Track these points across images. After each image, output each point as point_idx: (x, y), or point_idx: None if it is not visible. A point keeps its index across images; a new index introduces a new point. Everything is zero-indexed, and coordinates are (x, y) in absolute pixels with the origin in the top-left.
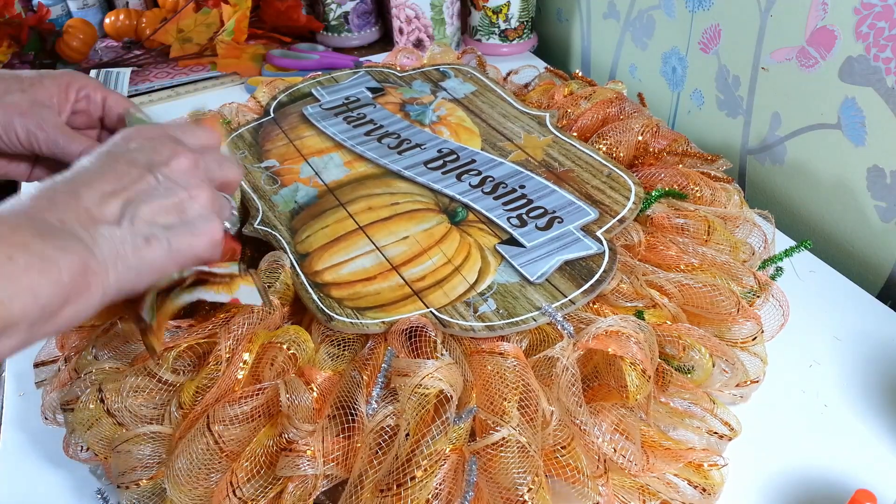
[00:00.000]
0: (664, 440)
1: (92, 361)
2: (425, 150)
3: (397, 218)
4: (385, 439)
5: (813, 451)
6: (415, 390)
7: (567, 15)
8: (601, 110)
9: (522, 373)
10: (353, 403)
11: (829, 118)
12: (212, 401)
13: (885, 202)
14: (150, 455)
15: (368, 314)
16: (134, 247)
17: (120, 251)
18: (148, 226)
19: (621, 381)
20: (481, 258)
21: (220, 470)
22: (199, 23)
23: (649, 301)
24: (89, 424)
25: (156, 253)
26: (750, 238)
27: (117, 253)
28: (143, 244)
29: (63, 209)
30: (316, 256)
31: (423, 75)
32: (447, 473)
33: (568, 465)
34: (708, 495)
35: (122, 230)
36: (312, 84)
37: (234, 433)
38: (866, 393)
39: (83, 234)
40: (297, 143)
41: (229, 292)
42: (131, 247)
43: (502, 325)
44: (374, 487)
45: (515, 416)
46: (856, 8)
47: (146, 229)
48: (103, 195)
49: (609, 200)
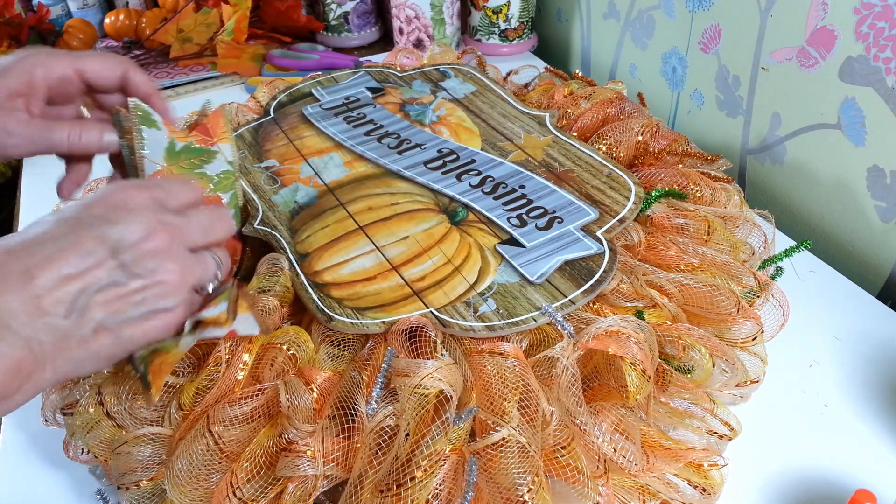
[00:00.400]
0: (664, 440)
1: None
2: (425, 150)
3: (397, 218)
4: (385, 439)
5: (813, 451)
6: (415, 390)
7: (567, 15)
8: (601, 110)
9: (522, 373)
10: (352, 404)
11: (829, 118)
12: (212, 402)
13: (885, 202)
14: (150, 456)
15: (368, 314)
16: (79, 339)
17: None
18: (99, 315)
19: (621, 381)
20: (481, 258)
21: (220, 470)
22: (199, 23)
23: (649, 301)
24: (89, 427)
25: (102, 343)
26: (750, 238)
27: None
28: (90, 335)
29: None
30: (316, 256)
31: (423, 75)
32: (447, 474)
33: (568, 465)
34: (708, 495)
35: (70, 322)
36: (312, 84)
37: (234, 434)
38: (866, 393)
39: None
40: (297, 143)
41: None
42: (76, 340)
43: (502, 325)
44: (374, 488)
45: (515, 416)
46: (856, 8)
47: (96, 319)
48: (59, 279)
49: (609, 200)
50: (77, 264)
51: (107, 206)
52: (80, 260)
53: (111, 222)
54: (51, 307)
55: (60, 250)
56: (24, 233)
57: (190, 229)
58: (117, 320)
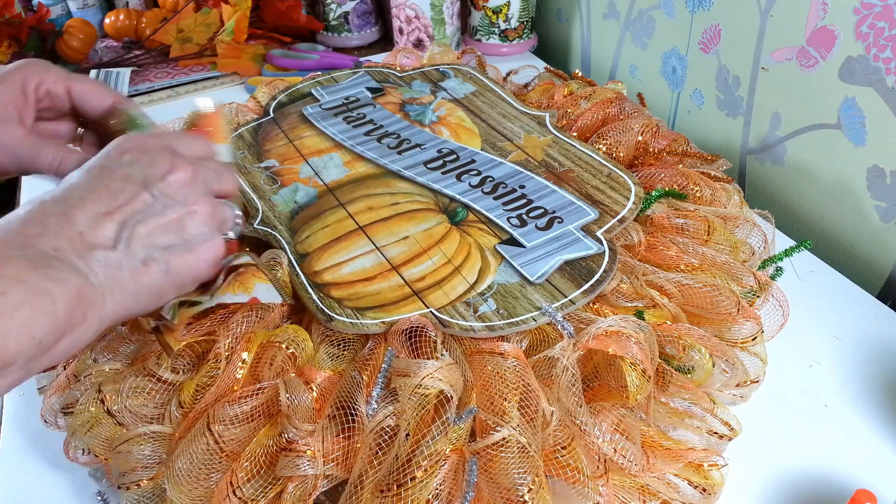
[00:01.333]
0: (664, 440)
1: (91, 365)
2: (425, 150)
3: (397, 218)
4: (385, 439)
5: (813, 451)
6: (415, 390)
7: (567, 15)
8: (601, 110)
9: (522, 373)
10: (353, 403)
11: (829, 118)
12: (211, 400)
13: (885, 202)
14: (150, 455)
15: (368, 314)
16: (131, 271)
17: (116, 277)
18: (145, 247)
19: (621, 382)
20: (481, 258)
21: (221, 470)
22: (199, 23)
23: (649, 301)
24: (89, 426)
25: (154, 276)
26: (750, 238)
27: (114, 279)
28: (140, 267)
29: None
30: (316, 256)
31: (423, 75)
32: (447, 474)
33: (568, 465)
34: (708, 495)
35: (118, 254)
36: (312, 84)
37: (233, 433)
38: (866, 393)
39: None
40: (297, 143)
41: (247, 292)
42: (128, 271)
43: (502, 325)
44: (374, 488)
45: (515, 416)
46: (856, 8)
47: (143, 251)
48: (97, 216)
49: (609, 200)
50: (110, 202)
51: (125, 151)
52: (113, 198)
53: (134, 163)
54: (96, 240)
55: (92, 192)
56: (54, 190)
57: (205, 171)
58: (163, 250)
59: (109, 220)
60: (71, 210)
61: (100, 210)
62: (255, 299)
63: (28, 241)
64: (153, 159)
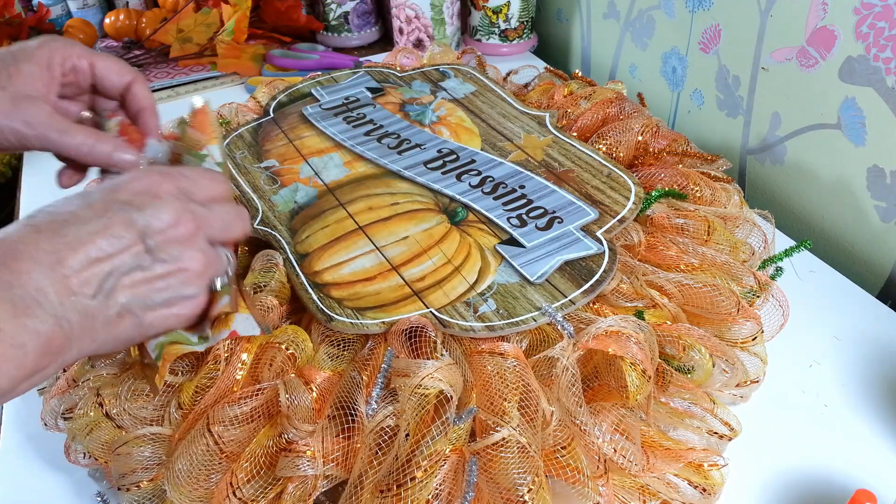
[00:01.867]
0: (664, 440)
1: (89, 370)
2: (425, 151)
3: (397, 218)
4: (385, 440)
5: (813, 451)
6: (415, 391)
7: (567, 15)
8: (601, 110)
9: (522, 373)
10: (352, 404)
11: (829, 118)
12: (211, 401)
13: (885, 202)
14: (150, 457)
15: (368, 314)
16: (105, 321)
17: (88, 325)
18: (125, 299)
19: (621, 382)
20: (481, 258)
21: (220, 471)
22: (199, 23)
23: (649, 301)
24: (89, 430)
25: (126, 328)
26: (750, 238)
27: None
28: (114, 319)
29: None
30: (316, 256)
31: (423, 75)
32: (447, 474)
33: (568, 465)
34: (708, 495)
35: (96, 303)
36: (312, 84)
37: (233, 434)
38: (866, 393)
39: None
40: (297, 143)
41: (227, 327)
42: (102, 321)
43: (502, 325)
44: (374, 488)
45: (515, 416)
46: (856, 8)
47: (121, 303)
48: (88, 261)
49: (609, 200)
50: (105, 248)
51: (134, 193)
52: (109, 244)
53: (139, 208)
54: (78, 287)
55: (90, 233)
56: (52, 211)
57: (213, 222)
58: (141, 305)
59: (98, 267)
60: (64, 251)
61: (91, 256)
62: (233, 332)
63: (15, 279)
64: (159, 208)
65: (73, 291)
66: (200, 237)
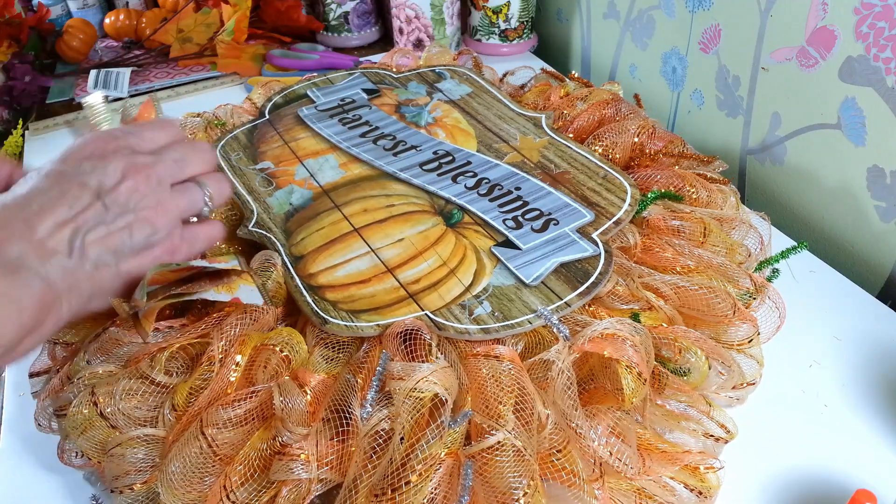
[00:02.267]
0: (660, 443)
1: (84, 367)
2: (421, 152)
3: (392, 220)
4: (380, 443)
5: (813, 451)
6: (409, 394)
7: (567, 15)
8: (597, 112)
9: (518, 376)
10: (347, 407)
11: (829, 118)
12: (205, 403)
13: (885, 202)
14: (143, 459)
15: (363, 317)
16: (85, 275)
17: (73, 281)
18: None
19: (617, 384)
20: (477, 260)
21: (214, 474)
22: (199, 23)
23: (645, 303)
24: (83, 429)
25: (105, 278)
26: (746, 240)
27: (70, 284)
28: (92, 270)
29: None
30: (311, 259)
31: (419, 77)
32: (442, 478)
33: (564, 468)
34: (704, 498)
35: (73, 260)
36: (308, 85)
37: (227, 437)
38: (866, 393)
39: (40, 268)
40: (293, 144)
41: (230, 292)
42: (83, 275)
43: (498, 327)
44: (369, 492)
45: (511, 419)
46: (856, 8)
47: (95, 256)
48: (55, 225)
49: (605, 202)
50: (67, 212)
51: (83, 157)
52: (69, 207)
53: (90, 172)
54: (55, 248)
55: (51, 199)
56: (15, 190)
57: (164, 166)
58: (113, 255)
59: (65, 229)
60: (32, 218)
61: (57, 219)
62: (237, 299)
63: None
64: (108, 166)
65: (51, 252)
66: (153, 183)
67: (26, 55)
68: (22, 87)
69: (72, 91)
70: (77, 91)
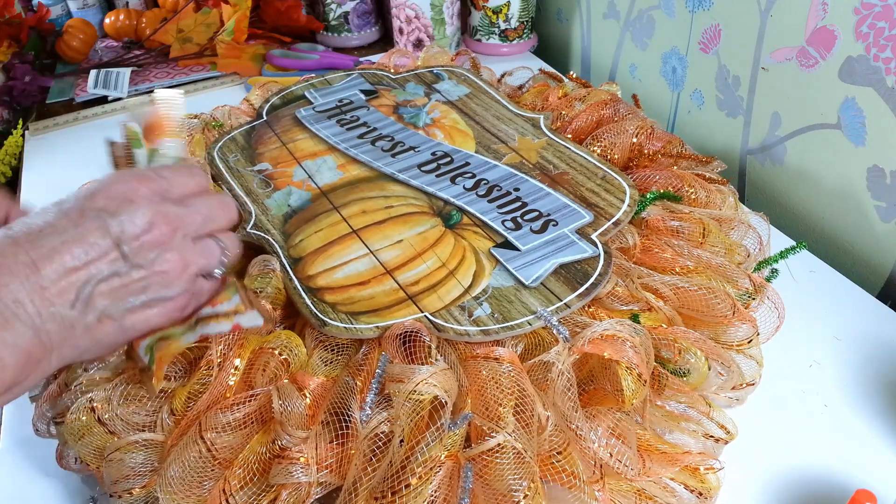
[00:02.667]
0: (660, 444)
1: (82, 374)
2: (419, 153)
3: (391, 221)
4: (379, 446)
5: (813, 451)
6: (409, 396)
7: (567, 15)
8: (595, 112)
9: (518, 378)
10: (346, 409)
11: (829, 118)
12: (203, 407)
13: (885, 202)
14: (142, 463)
15: (362, 319)
16: (84, 328)
17: (68, 335)
18: (103, 305)
19: (617, 386)
20: (476, 262)
21: (213, 477)
22: (199, 23)
23: (645, 304)
24: (80, 435)
25: (107, 331)
26: (746, 240)
27: (65, 336)
28: (94, 324)
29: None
30: (309, 261)
31: (417, 77)
32: (442, 480)
33: (564, 470)
34: (704, 499)
35: (75, 312)
36: (305, 86)
37: (226, 440)
38: (866, 393)
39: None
40: (291, 146)
41: (229, 321)
42: (82, 328)
43: (497, 329)
44: (369, 495)
45: (511, 421)
46: (856, 8)
47: (100, 309)
48: (64, 271)
49: (604, 203)
50: (81, 256)
51: (109, 198)
52: (84, 252)
53: (114, 214)
54: (56, 297)
55: (64, 242)
56: (28, 222)
57: (191, 219)
58: (120, 309)
59: (74, 276)
60: (41, 261)
61: (67, 265)
62: (237, 325)
63: None
64: (134, 213)
65: (50, 301)
66: (178, 237)
67: (26, 55)
68: (22, 87)
69: (72, 91)
70: (77, 91)
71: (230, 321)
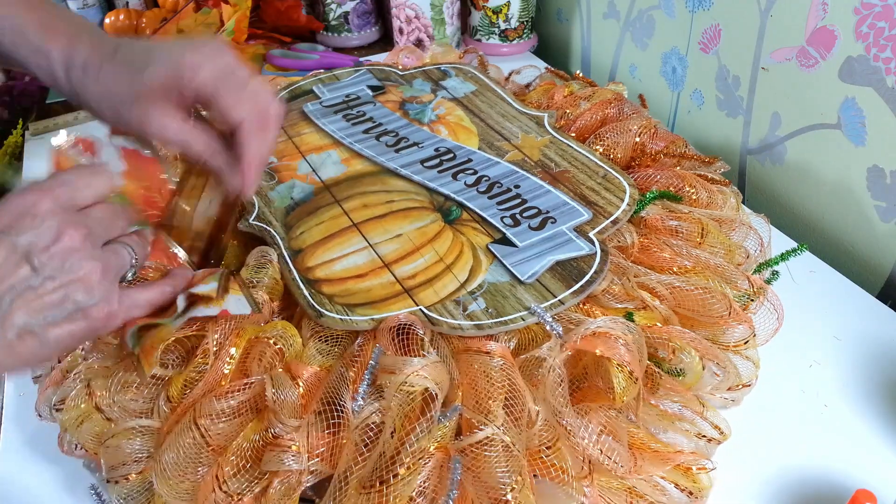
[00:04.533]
0: (653, 443)
1: (81, 362)
2: (422, 149)
3: (392, 216)
4: (370, 436)
5: (813, 451)
6: (400, 387)
7: (567, 15)
8: (600, 111)
9: (509, 372)
10: (339, 400)
11: (829, 118)
12: (199, 395)
13: (885, 202)
14: (139, 449)
15: (358, 311)
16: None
17: None
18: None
19: (609, 383)
20: (473, 257)
21: (207, 464)
22: (199, 23)
23: (640, 303)
24: (80, 421)
25: (29, 347)
26: (746, 241)
27: None
28: (14, 341)
29: None
30: (309, 253)
31: (424, 74)
32: (432, 471)
33: (553, 465)
34: (695, 498)
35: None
36: (314, 81)
37: (220, 428)
38: (866, 393)
39: None
40: (296, 139)
41: (218, 305)
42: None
43: (491, 324)
44: (359, 484)
45: (500, 415)
46: (856, 8)
47: (20, 325)
48: None
49: (603, 201)
50: None
51: (12, 216)
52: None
53: (19, 231)
54: None
55: None
56: None
57: (96, 225)
58: (41, 323)
59: None
60: None
61: None
62: (225, 311)
63: None
64: (39, 227)
65: None
66: (88, 244)
67: None
68: (22, 87)
69: None
70: None
71: (219, 305)
